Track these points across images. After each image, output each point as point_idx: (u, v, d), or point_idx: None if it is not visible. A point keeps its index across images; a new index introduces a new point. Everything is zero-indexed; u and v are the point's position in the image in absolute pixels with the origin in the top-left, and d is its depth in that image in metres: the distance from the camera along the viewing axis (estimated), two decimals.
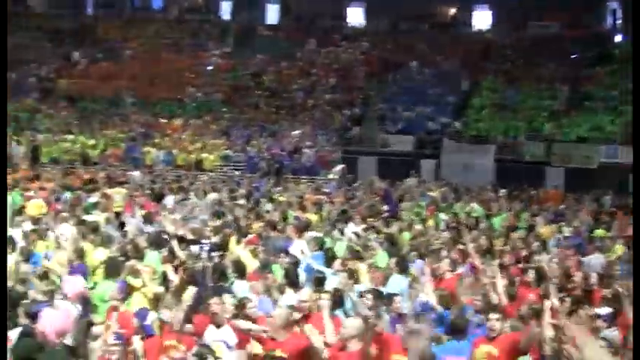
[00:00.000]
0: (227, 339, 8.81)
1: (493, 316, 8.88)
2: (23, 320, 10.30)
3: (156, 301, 11.43)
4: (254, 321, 9.31)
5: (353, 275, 11.69)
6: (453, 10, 49.59)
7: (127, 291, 11.21)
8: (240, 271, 11.81)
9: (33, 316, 10.41)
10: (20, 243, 13.74)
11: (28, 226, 15.66)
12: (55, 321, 9.43)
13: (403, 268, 12.56)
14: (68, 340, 9.36)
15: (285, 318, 8.61)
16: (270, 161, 33.87)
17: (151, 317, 10.17)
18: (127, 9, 52.06)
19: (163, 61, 44.11)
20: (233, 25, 48.58)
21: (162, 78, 42.57)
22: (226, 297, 9.76)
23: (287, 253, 13.33)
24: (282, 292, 10.98)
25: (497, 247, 15.12)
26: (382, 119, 38.54)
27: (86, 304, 11.08)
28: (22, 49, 45.67)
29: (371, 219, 18.19)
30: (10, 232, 14.72)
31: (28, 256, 12.74)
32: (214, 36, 46.83)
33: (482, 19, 47.45)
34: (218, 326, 9.08)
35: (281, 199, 22.27)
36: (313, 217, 18.80)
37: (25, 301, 10.73)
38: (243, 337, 9.02)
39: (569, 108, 36.76)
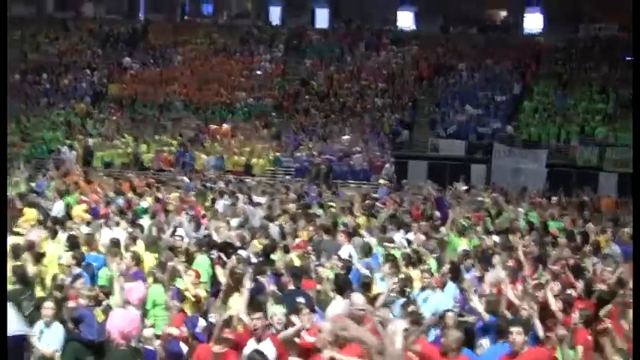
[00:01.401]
0: (266, 353, 8.74)
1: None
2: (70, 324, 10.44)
3: (199, 305, 11.48)
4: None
5: (406, 281, 11.60)
6: (503, 13, 49.22)
7: (181, 297, 11.27)
8: (296, 276, 11.73)
9: (77, 321, 10.52)
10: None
11: (83, 229, 15.83)
12: (122, 323, 9.56)
13: (455, 275, 12.43)
14: (133, 343, 9.51)
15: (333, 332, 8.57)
16: (320, 166, 33.85)
17: (202, 324, 10.20)
18: (178, 15, 52.49)
19: (213, 66, 44.33)
20: (283, 30, 48.67)
21: (213, 83, 42.79)
22: (278, 307, 9.71)
23: (338, 257, 13.29)
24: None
25: (550, 253, 14.87)
26: (432, 123, 38.35)
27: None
28: (74, 54, 46.26)
29: (421, 224, 18.03)
30: (64, 235, 14.90)
31: (80, 260, 12.83)
32: (264, 41, 46.93)
33: (533, 22, 46.99)
34: (259, 340, 9.04)
35: (330, 203, 22.20)
36: (363, 222, 18.73)
37: (69, 305, 10.86)
38: (283, 352, 8.98)
39: (622, 112, 36.20)
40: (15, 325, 10.13)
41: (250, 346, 8.88)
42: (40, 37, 48.55)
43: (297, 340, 9.04)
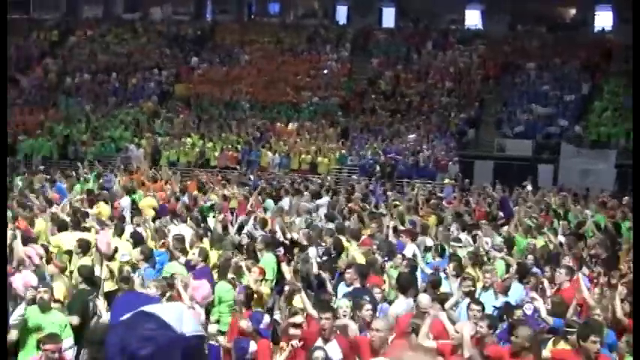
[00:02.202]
0: (332, 354, 8.71)
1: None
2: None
3: (262, 302, 11.52)
4: (368, 324, 9.25)
5: (471, 281, 11.51)
6: (572, 11, 48.55)
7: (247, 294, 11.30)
8: (362, 274, 11.71)
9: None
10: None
11: (150, 225, 16.04)
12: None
13: (522, 276, 12.29)
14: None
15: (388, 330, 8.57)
16: (386, 165, 33.79)
17: (266, 320, 10.23)
18: (245, 15, 52.81)
19: (280, 66, 44.50)
20: (349, 29, 48.66)
21: (279, 82, 42.95)
22: (344, 300, 9.72)
23: (402, 256, 13.25)
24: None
25: (621, 257, 14.62)
26: (499, 123, 38.01)
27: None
28: (141, 54, 46.85)
29: (486, 225, 17.88)
30: (132, 230, 15.11)
31: (148, 256, 12.97)
32: (330, 40, 46.97)
33: (603, 20, 46.23)
34: (326, 341, 9.01)
35: (396, 202, 22.14)
36: (428, 221, 18.64)
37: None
38: (349, 353, 8.96)
39: None
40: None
41: (318, 345, 8.87)
42: (109, 38, 49.25)
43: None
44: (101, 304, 10.39)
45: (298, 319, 9.23)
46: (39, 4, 53.79)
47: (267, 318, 10.45)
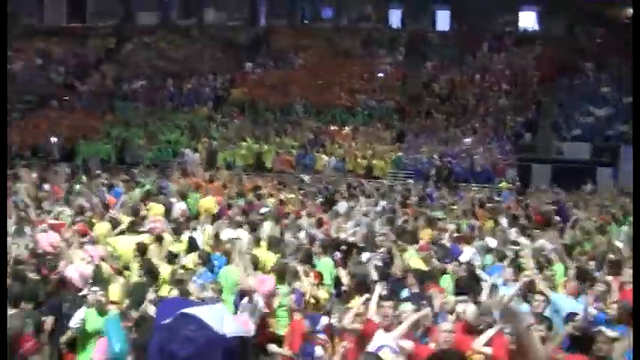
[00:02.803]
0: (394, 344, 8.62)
1: None
2: None
3: (320, 306, 11.48)
4: (427, 331, 9.17)
5: (530, 286, 11.33)
6: (630, 11, 47.81)
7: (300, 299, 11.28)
8: (421, 279, 11.61)
9: None
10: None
11: (207, 228, 16.09)
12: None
13: (583, 280, 12.07)
14: None
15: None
16: (442, 168, 33.59)
17: (323, 322, 10.19)
18: (298, 19, 52.91)
19: (334, 70, 44.47)
20: (403, 32, 48.52)
21: (333, 86, 42.92)
22: (407, 304, 9.62)
23: (459, 261, 13.12)
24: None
25: None
26: (556, 126, 37.50)
27: None
28: (196, 60, 47.17)
29: (545, 229, 17.67)
30: (189, 235, 15.17)
31: (205, 260, 12.99)
32: (385, 44, 46.87)
33: None
34: (387, 330, 8.92)
35: (452, 206, 21.98)
36: (485, 225, 18.47)
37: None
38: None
39: None
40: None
41: (378, 336, 8.79)
42: (164, 44, 49.69)
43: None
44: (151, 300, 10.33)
45: (355, 322, 9.18)
46: (95, 12, 54.47)
47: (324, 320, 10.42)
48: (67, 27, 53.39)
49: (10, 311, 9.57)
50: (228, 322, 4.92)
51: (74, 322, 10.00)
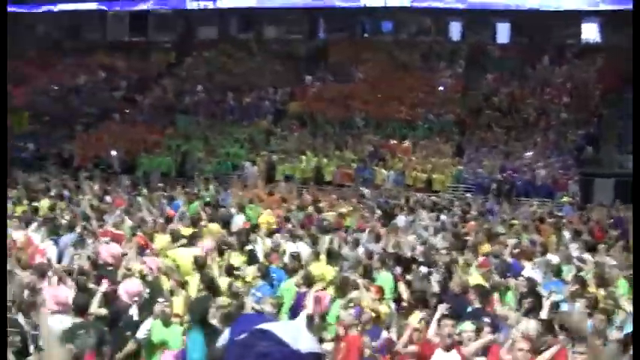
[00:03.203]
0: None
1: None
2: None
3: (380, 321, 11.38)
4: (488, 349, 9.03)
5: (594, 303, 11.12)
6: None
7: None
8: (482, 295, 11.44)
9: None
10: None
11: (267, 241, 16.14)
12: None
13: None
14: None
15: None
16: (502, 182, 33.27)
17: (384, 336, 10.12)
18: (358, 32, 52.88)
19: (394, 83, 44.35)
20: (463, 45, 48.25)
21: (393, 100, 42.80)
22: (467, 324, 9.48)
23: (521, 277, 12.94)
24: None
25: None
26: (620, 139, 36.91)
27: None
28: (256, 73, 47.43)
29: (607, 244, 17.40)
30: (249, 248, 15.21)
31: (264, 273, 12.99)
32: (444, 57, 46.67)
33: None
34: (447, 350, 8.82)
35: (513, 221, 21.74)
36: (548, 241, 18.22)
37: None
38: None
39: None
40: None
41: (437, 355, 8.70)
42: (224, 58, 50.07)
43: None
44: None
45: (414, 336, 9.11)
46: (156, 27, 55.11)
47: (385, 334, 10.35)
48: (129, 42, 54.14)
49: (75, 320, 9.67)
50: (304, 338, 4.91)
51: (141, 333, 10.11)
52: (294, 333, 5.39)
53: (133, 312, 10.66)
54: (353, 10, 49.82)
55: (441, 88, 43.69)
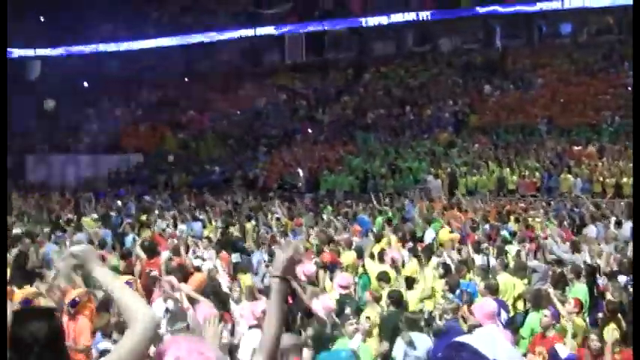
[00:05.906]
0: None
1: None
2: None
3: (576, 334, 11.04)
4: None
5: None
6: None
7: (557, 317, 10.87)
8: None
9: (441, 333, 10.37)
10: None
11: (453, 255, 16.00)
12: None
13: None
14: None
15: None
16: None
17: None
18: (536, 37, 51.80)
19: (576, 87, 43.19)
20: None
21: (576, 104, 41.65)
22: None
23: None
24: None
25: None
26: None
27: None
28: (434, 85, 47.32)
29: None
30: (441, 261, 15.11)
31: (454, 287, 12.82)
32: (629, 56, 44.98)
33: None
34: None
35: None
36: None
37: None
38: None
39: None
40: None
41: None
42: (401, 72, 50.21)
43: None
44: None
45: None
46: (333, 45, 55.93)
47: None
48: (307, 62, 55.14)
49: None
50: (501, 347, 4.81)
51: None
52: (490, 342, 5.27)
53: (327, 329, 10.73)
54: (529, 14, 48.92)
55: (625, 89, 42.02)
